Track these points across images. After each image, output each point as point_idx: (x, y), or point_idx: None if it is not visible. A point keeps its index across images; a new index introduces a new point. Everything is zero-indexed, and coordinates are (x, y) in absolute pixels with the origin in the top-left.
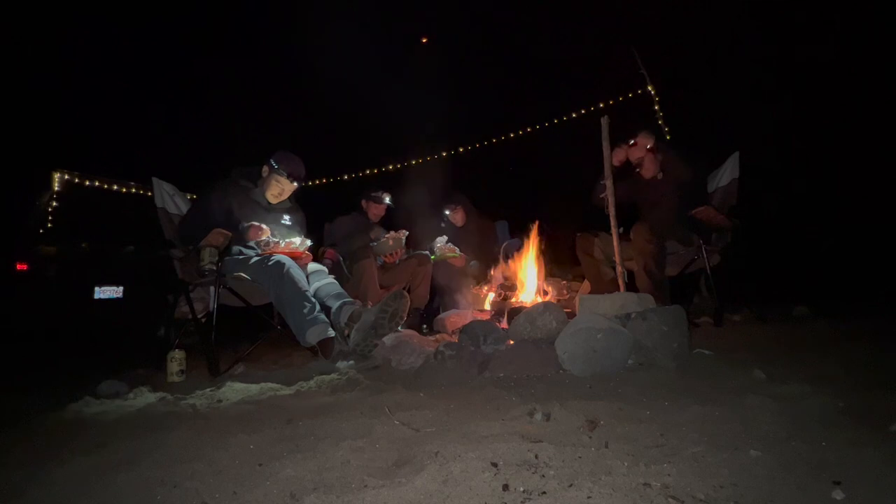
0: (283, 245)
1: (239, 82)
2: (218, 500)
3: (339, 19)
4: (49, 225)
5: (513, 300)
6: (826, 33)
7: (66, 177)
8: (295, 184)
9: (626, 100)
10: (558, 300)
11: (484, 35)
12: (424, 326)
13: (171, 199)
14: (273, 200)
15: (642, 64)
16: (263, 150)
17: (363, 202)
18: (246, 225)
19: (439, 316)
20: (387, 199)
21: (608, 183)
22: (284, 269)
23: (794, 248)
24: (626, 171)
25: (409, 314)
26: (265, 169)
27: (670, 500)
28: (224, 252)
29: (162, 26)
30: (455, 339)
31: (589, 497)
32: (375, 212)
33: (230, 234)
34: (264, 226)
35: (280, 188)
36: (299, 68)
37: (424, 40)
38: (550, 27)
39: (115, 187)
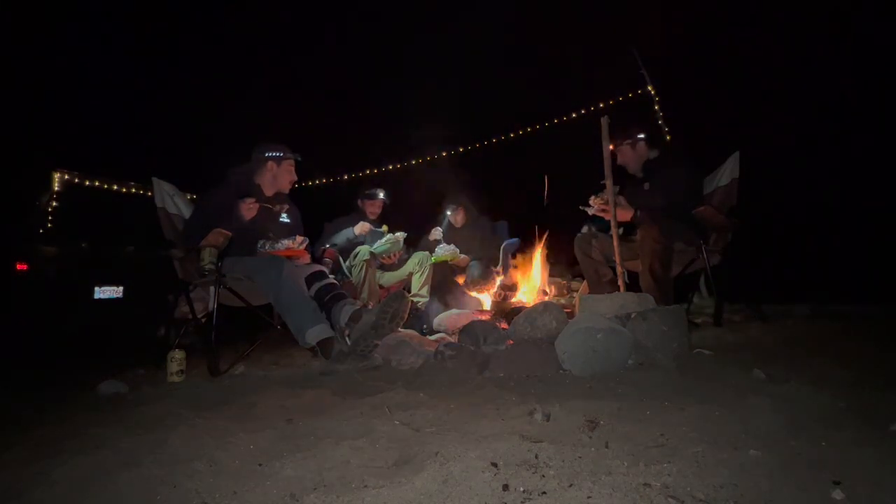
0: (278, 246)
1: (239, 82)
2: (218, 500)
3: (338, 20)
4: (49, 225)
5: (513, 300)
6: (825, 32)
7: (66, 177)
8: (288, 160)
9: (626, 100)
10: (558, 300)
11: (483, 35)
12: (424, 326)
13: (171, 199)
14: (269, 191)
15: (642, 64)
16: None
17: (359, 201)
18: (240, 204)
19: (439, 316)
20: (381, 195)
21: (608, 183)
22: (283, 271)
23: (795, 247)
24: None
25: (409, 314)
26: (254, 160)
27: (670, 500)
28: (224, 252)
29: (162, 26)
30: (455, 339)
31: (589, 497)
32: (372, 209)
33: (230, 234)
34: (253, 201)
35: (272, 173)
36: (300, 68)
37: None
38: (550, 27)
39: (115, 187)
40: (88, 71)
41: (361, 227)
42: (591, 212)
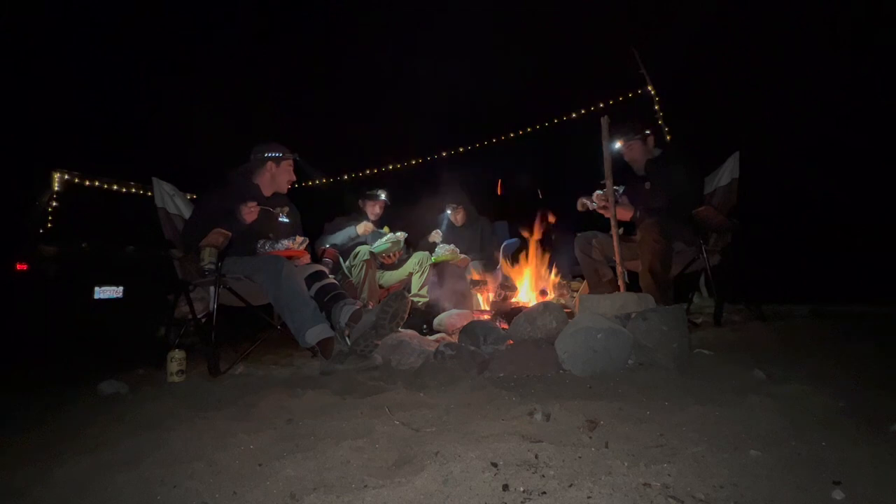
0: (278, 247)
1: (239, 82)
2: (218, 500)
3: (337, 19)
4: (49, 225)
5: (513, 300)
6: (825, 32)
7: (66, 177)
8: (287, 160)
9: (626, 100)
10: (558, 300)
11: (483, 34)
12: (424, 326)
13: (171, 200)
14: (267, 191)
15: (642, 64)
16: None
17: (360, 202)
18: (241, 207)
19: (439, 316)
20: (382, 196)
21: (608, 183)
22: (282, 271)
23: (795, 247)
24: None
25: (409, 314)
26: (253, 161)
27: (670, 500)
28: (224, 252)
29: (162, 25)
30: (455, 339)
31: (589, 497)
32: (373, 210)
33: (230, 234)
34: (254, 204)
35: (271, 173)
36: (299, 67)
37: None
38: (550, 26)
39: (115, 187)
40: (88, 71)
41: (364, 227)
42: (591, 206)
